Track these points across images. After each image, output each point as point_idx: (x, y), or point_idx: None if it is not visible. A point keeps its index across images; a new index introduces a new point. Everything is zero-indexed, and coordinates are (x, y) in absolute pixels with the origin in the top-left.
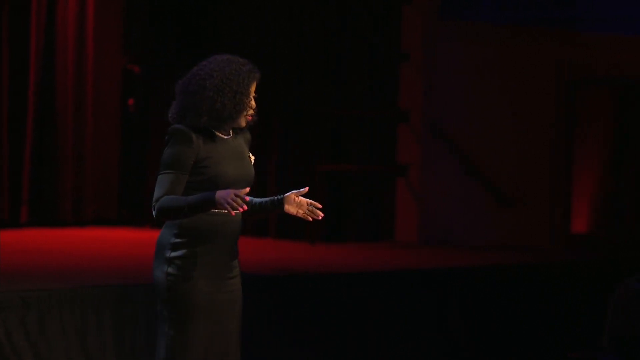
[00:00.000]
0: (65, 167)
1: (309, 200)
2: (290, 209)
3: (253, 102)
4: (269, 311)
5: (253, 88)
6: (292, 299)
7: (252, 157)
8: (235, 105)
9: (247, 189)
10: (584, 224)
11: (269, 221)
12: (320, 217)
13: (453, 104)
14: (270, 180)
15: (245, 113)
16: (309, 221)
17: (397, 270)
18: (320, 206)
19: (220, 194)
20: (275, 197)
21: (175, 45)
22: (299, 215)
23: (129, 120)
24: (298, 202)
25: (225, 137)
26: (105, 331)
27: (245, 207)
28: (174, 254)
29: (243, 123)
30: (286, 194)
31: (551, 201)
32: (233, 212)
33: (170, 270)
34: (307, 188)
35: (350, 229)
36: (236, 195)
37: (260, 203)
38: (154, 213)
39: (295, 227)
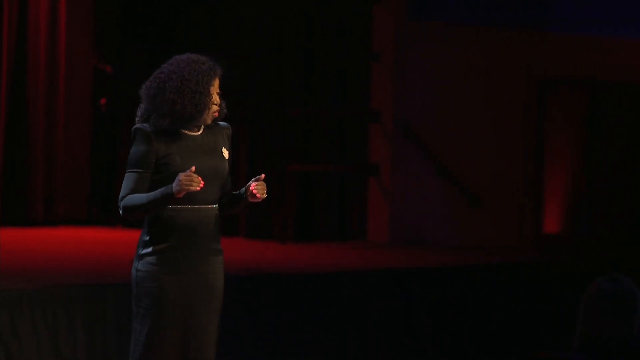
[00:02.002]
0: (36, 166)
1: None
2: (252, 199)
3: (217, 99)
4: (238, 311)
5: (215, 85)
6: (262, 298)
7: (227, 152)
8: (196, 106)
9: (193, 168)
10: (556, 224)
11: (239, 220)
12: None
13: (424, 105)
14: (241, 180)
15: (208, 111)
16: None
17: (367, 270)
18: (262, 177)
19: (174, 183)
20: (241, 190)
21: (147, 45)
22: (259, 199)
23: (101, 120)
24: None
25: (192, 133)
26: (76, 330)
27: (202, 182)
28: (144, 250)
29: (209, 120)
30: (248, 186)
31: (522, 201)
32: (198, 188)
33: (139, 266)
34: (263, 175)
35: (322, 228)
36: (186, 176)
37: (232, 195)
38: (120, 212)
39: (266, 226)
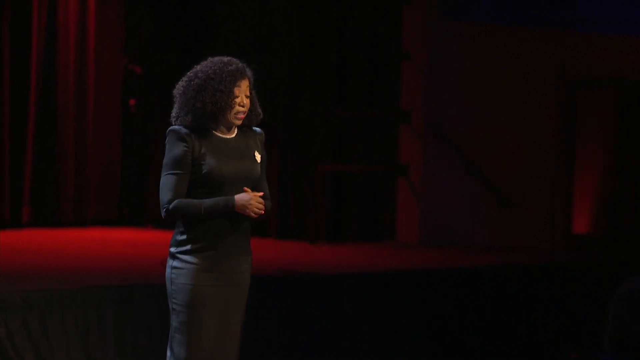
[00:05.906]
0: (66, 167)
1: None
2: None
3: (244, 100)
4: (269, 312)
5: (243, 87)
6: (293, 299)
7: (259, 156)
8: (215, 104)
9: (261, 193)
10: (586, 224)
11: (270, 221)
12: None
13: (454, 104)
14: (272, 180)
15: (231, 111)
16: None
17: (398, 270)
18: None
19: (239, 199)
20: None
21: (177, 46)
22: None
23: (130, 121)
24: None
25: (225, 135)
26: (106, 331)
27: (263, 210)
28: (179, 249)
29: (234, 121)
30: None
31: (552, 202)
32: (255, 216)
33: (174, 264)
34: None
35: (352, 229)
36: (257, 202)
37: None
38: (163, 214)
39: (296, 227)
